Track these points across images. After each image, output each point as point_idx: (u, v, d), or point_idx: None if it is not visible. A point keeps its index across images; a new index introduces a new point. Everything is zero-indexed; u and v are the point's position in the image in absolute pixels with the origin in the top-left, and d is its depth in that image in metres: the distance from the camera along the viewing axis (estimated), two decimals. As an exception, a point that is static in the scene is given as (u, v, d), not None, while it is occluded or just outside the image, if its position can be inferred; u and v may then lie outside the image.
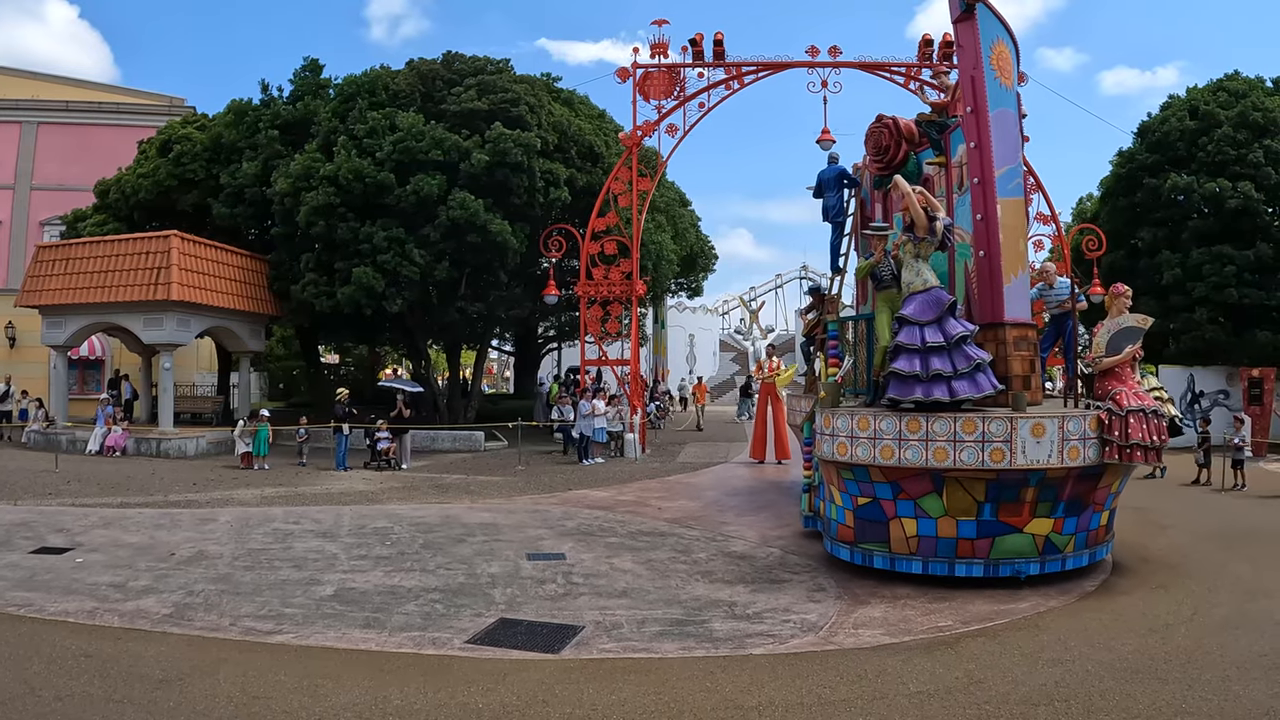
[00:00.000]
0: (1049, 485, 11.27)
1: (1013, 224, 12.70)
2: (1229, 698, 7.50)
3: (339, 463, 25.08)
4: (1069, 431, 11.11)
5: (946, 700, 7.48)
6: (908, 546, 11.76)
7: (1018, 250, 12.88)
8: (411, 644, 9.04)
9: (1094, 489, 11.67)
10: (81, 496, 18.81)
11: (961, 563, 11.46)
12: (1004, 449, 10.99)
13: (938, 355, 11.69)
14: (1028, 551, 11.44)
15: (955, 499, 11.43)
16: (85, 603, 10.44)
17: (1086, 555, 11.86)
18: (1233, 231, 31.99)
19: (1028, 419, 11.06)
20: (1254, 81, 34.71)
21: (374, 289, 28.53)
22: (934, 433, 11.28)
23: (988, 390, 11.61)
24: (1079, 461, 11.17)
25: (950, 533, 11.52)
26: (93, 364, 40.70)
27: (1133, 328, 12.19)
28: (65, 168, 40.79)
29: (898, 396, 11.82)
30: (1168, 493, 20.42)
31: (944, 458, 11.20)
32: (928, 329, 11.82)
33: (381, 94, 32.04)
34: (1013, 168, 12.88)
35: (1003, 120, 12.77)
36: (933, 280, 12.14)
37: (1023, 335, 12.61)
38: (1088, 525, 11.81)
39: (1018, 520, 11.38)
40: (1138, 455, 11.22)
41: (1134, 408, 11.31)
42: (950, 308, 11.95)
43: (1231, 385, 32.20)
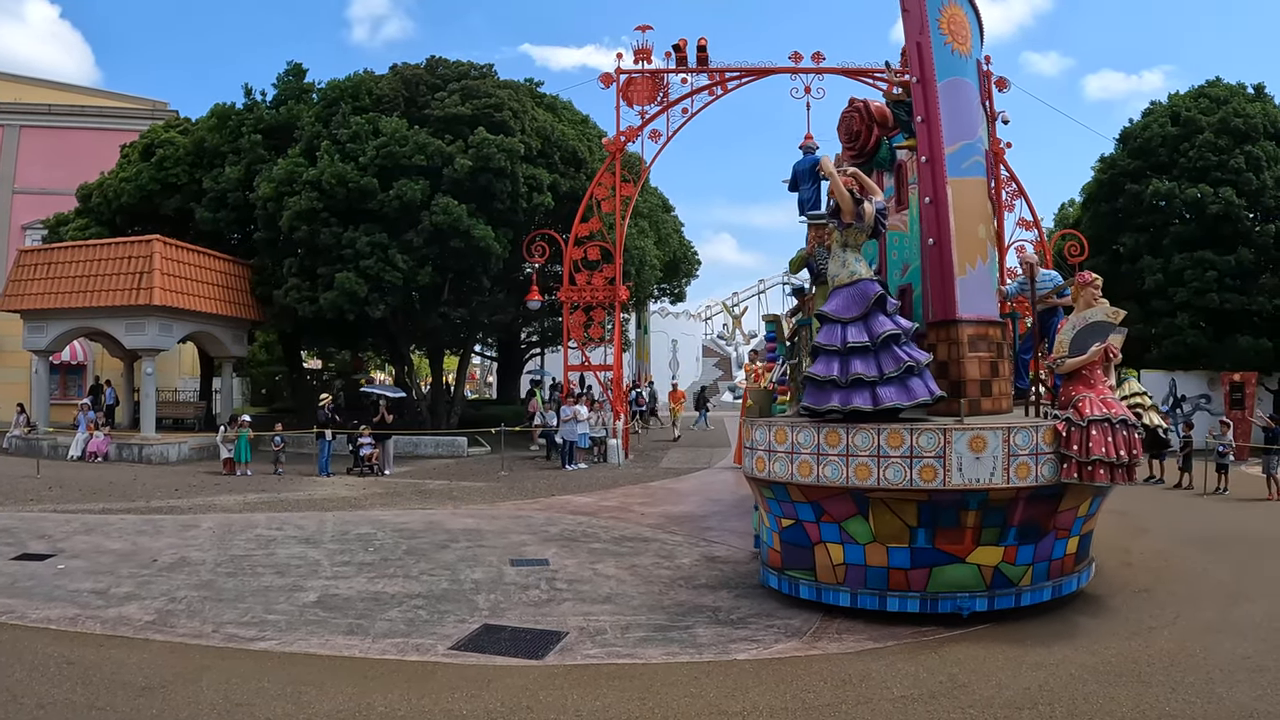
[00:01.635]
0: (994, 508, 9.74)
1: (969, 207, 11.33)
2: (1212, 700, 7.53)
3: (322, 468, 25.01)
4: (1016, 445, 9.65)
5: (930, 704, 7.49)
6: (834, 575, 10.38)
7: (976, 237, 11.42)
8: (395, 650, 9.01)
9: (1053, 512, 10.06)
10: (63, 502, 18.70)
11: (894, 596, 9.99)
12: (936, 466, 9.58)
13: (861, 357, 10.26)
14: (972, 584, 9.90)
15: (883, 523, 10.00)
16: (67, 609, 10.38)
17: (1049, 588, 10.26)
18: (1214, 237, 32.19)
19: (965, 431, 9.63)
20: (1235, 88, 34.94)
21: (357, 294, 28.45)
22: (855, 447, 9.92)
23: (923, 397, 10.08)
24: (1029, 480, 9.65)
25: (880, 561, 10.09)
26: (74, 369, 40.47)
27: (1101, 323, 10.58)
28: (47, 171, 40.57)
29: (812, 405, 10.46)
30: (1149, 497, 20.49)
31: (866, 475, 9.83)
32: (851, 327, 10.41)
33: (365, 98, 31.97)
34: (969, 144, 11.44)
35: (956, 91, 11.44)
36: (862, 272, 10.66)
37: (981, 334, 11.23)
38: (1049, 554, 10.22)
39: (958, 548, 9.87)
40: (1101, 474, 9.51)
41: (1097, 417, 9.72)
42: (878, 302, 10.45)
43: (1213, 390, 32.40)
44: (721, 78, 29.20)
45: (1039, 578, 10.19)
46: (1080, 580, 10.84)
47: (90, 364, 40.31)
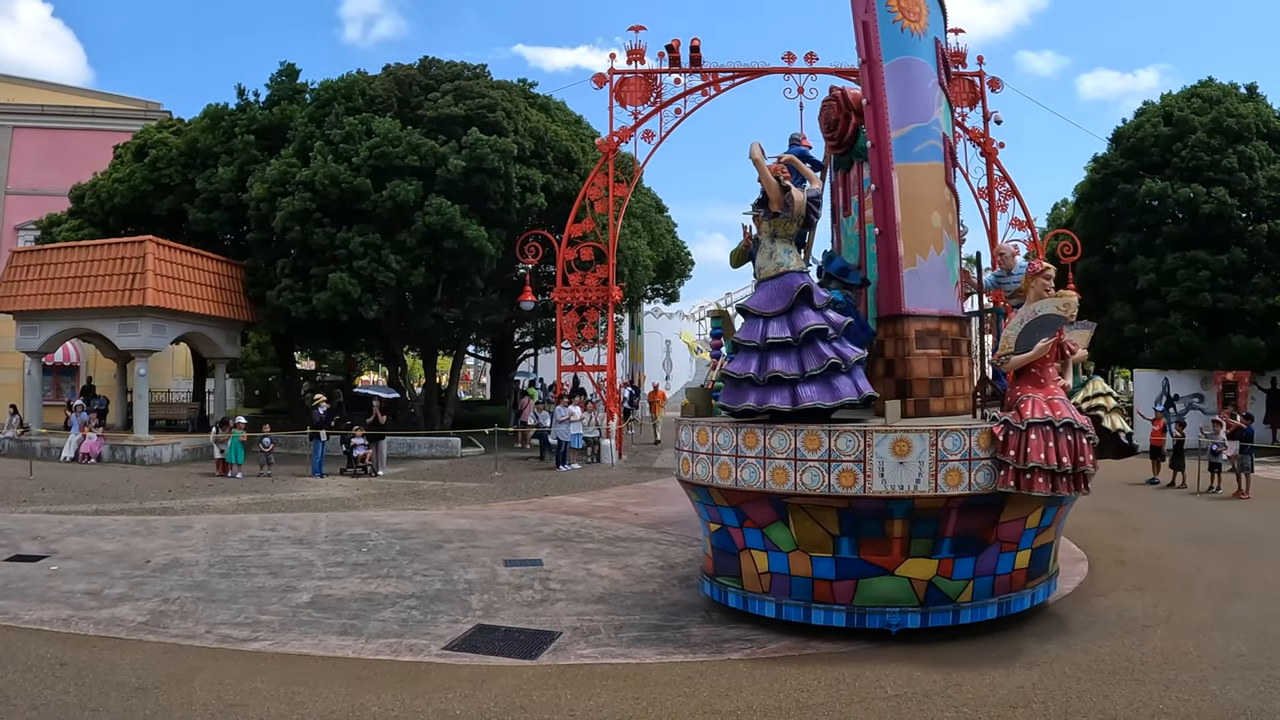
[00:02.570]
0: (923, 518, 9.06)
1: (921, 194, 10.74)
2: (1206, 698, 7.54)
3: (315, 469, 24.97)
4: (946, 450, 8.91)
5: (924, 703, 7.50)
6: (760, 584, 9.83)
7: (929, 226, 10.76)
8: (388, 651, 9.00)
9: (993, 523, 9.26)
10: (56, 504, 18.67)
11: (819, 608, 9.39)
12: (856, 471, 8.94)
13: (781, 354, 9.64)
14: (903, 599, 9.21)
15: (804, 531, 9.40)
16: (60, 610, 10.36)
17: (994, 605, 9.43)
18: (1207, 236, 32.27)
19: (887, 434, 8.95)
20: (1228, 88, 35.04)
21: (350, 295, 28.42)
22: (772, 449, 9.35)
23: (848, 396, 9.42)
24: (961, 488, 8.91)
25: (804, 571, 9.48)
26: (67, 370, 40.38)
27: (1051, 316, 9.71)
28: (40, 172, 40.48)
29: (727, 404, 10.00)
30: (1142, 496, 20.55)
31: (783, 480, 9.25)
32: (773, 322, 9.80)
33: (358, 99, 31.94)
34: (920, 127, 10.84)
35: (905, 72, 10.89)
36: (790, 264, 10.06)
37: (932, 330, 10.65)
38: (992, 569, 9.41)
39: (886, 560, 9.21)
40: (1040, 483, 8.76)
41: (1038, 420, 8.95)
42: (802, 295, 9.80)
43: (1206, 389, 32.44)
44: (714, 78, 29.21)
45: (981, 594, 9.36)
46: (1036, 597, 9.93)
47: (83, 365, 40.21)
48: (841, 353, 9.60)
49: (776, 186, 10.08)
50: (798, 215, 10.23)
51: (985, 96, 30.52)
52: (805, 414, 9.48)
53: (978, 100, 30.50)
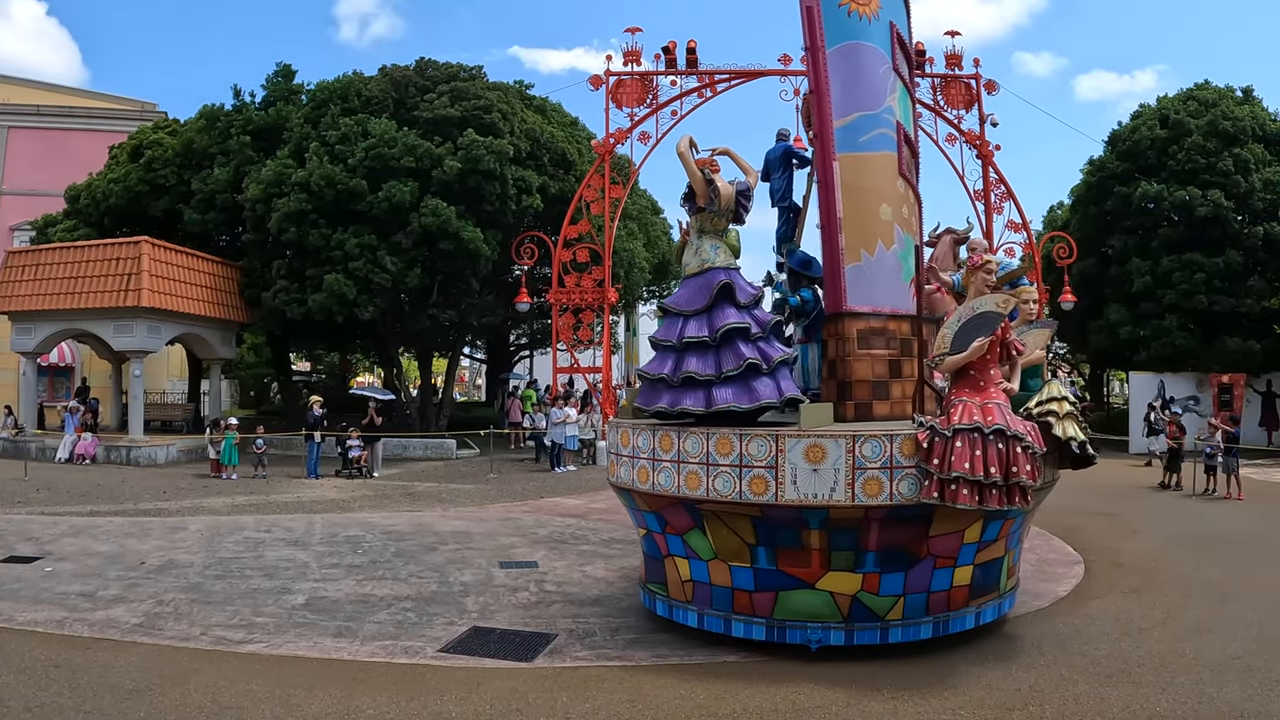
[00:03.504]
0: (841, 529, 8.52)
1: (867, 185, 10.16)
2: (1203, 700, 7.53)
3: (310, 470, 24.95)
4: (864, 457, 8.34)
5: (921, 704, 7.48)
6: (684, 592, 9.43)
7: (878, 219, 10.15)
8: (384, 653, 8.97)
9: (922, 537, 8.64)
10: (51, 505, 18.65)
11: (739, 619, 8.94)
12: (767, 477, 8.46)
13: (698, 353, 9.24)
14: (825, 614, 8.68)
15: (721, 539, 8.98)
16: (55, 612, 10.33)
17: (929, 625, 8.82)
18: (1203, 239, 32.29)
19: (801, 438, 8.42)
20: (1224, 91, 35.09)
21: (345, 296, 28.40)
22: (686, 453, 8.90)
23: (768, 399, 8.99)
24: (881, 499, 8.33)
25: (724, 581, 9.05)
26: (62, 371, 40.34)
27: (990, 314, 9.00)
28: (35, 172, 40.47)
29: (641, 405, 9.70)
30: (1139, 498, 20.55)
31: (696, 485, 8.81)
32: (692, 320, 9.41)
33: (354, 100, 31.93)
34: (868, 115, 10.23)
35: (853, 58, 10.30)
36: (716, 260, 9.65)
37: (878, 329, 10.03)
38: (925, 585, 8.78)
39: (805, 572, 8.69)
40: (964, 495, 8.07)
41: (964, 426, 8.28)
42: (723, 292, 9.38)
43: (1201, 391, 32.48)
44: (711, 80, 29.18)
45: (914, 612, 8.74)
46: (983, 616, 9.22)
47: (78, 366, 40.17)
48: (766, 352, 9.21)
49: (702, 180, 9.74)
50: (725, 210, 9.85)
51: (981, 99, 30.51)
52: (725, 417, 9.06)
53: (974, 103, 30.48)
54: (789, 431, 8.53)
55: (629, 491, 9.75)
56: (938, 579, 8.83)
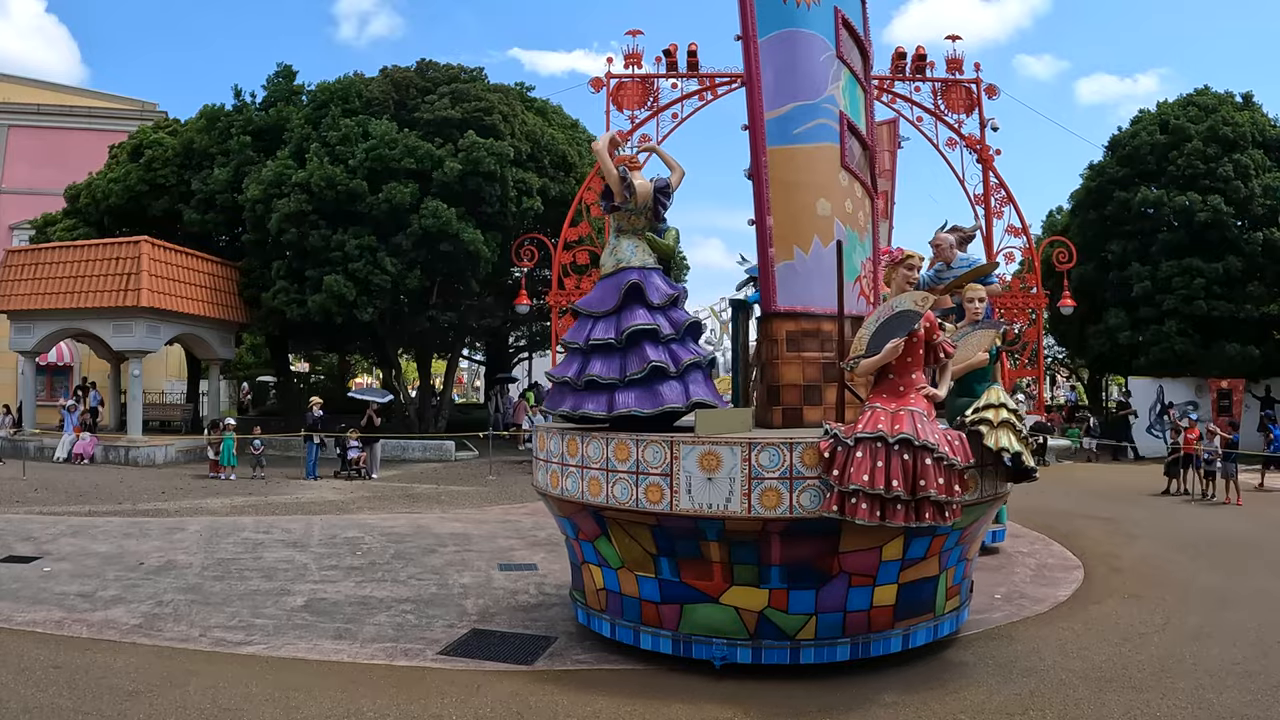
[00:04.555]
0: (740, 542, 8.07)
1: (802, 180, 9.71)
2: (1203, 705, 7.52)
3: (309, 472, 24.94)
4: (761, 466, 7.85)
5: (921, 709, 7.47)
6: (599, 601, 9.18)
7: (815, 214, 9.66)
8: (384, 655, 8.96)
9: (831, 553, 8.05)
10: (49, 504, 18.64)
11: (648, 631, 8.61)
12: (662, 485, 8.08)
13: (602, 356, 9.00)
14: (731, 630, 8.24)
15: (625, 547, 8.66)
16: (53, 613, 10.31)
17: (846, 646, 8.25)
18: (1202, 244, 32.30)
19: (695, 445, 8.01)
20: (1224, 96, 35.12)
21: (345, 297, 28.42)
22: (589, 458, 8.62)
23: (672, 403, 8.70)
24: (780, 511, 7.81)
25: (632, 591, 8.73)
26: (61, 370, 40.33)
27: (908, 313, 8.39)
28: (35, 171, 40.48)
29: (546, 409, 9.53)
30: (1138, 503, 20.54)
31: (598, 492, 8.50)
32: (600, 322, 9.15)
33: (355, 101, 31.95)
34: (805, 105, 9.76)
35: (789, 46, 9.82)
36: (631, 260, 9.34)
37: (810, 331, 9.53)
38: (841, 605, 8.20)
39: (708, 585, 8.28)
40: (863, 509, 7.48)
41: (867, 435, 7.69)
42: (631, 292, 9.09)
43: (1200, 396, 32.48)
44: (712, 83, 29.22)
45: (829, 632, 8.22)
46: (912, 639, 8.57)
47: (77, 365, 40.16)
48: (676, 355, 8.93)
49: (616, 176, 9.44)
50: (642, 207, 9.50)
51: (982, 103, 30.55)
52: (629, 422, 8.80)
53: (974, 107, 30.53)
54: (684, 438, 8.14)
55: (545, 495, 9.55)
56: (855, 598, 8.24)
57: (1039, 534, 15.81)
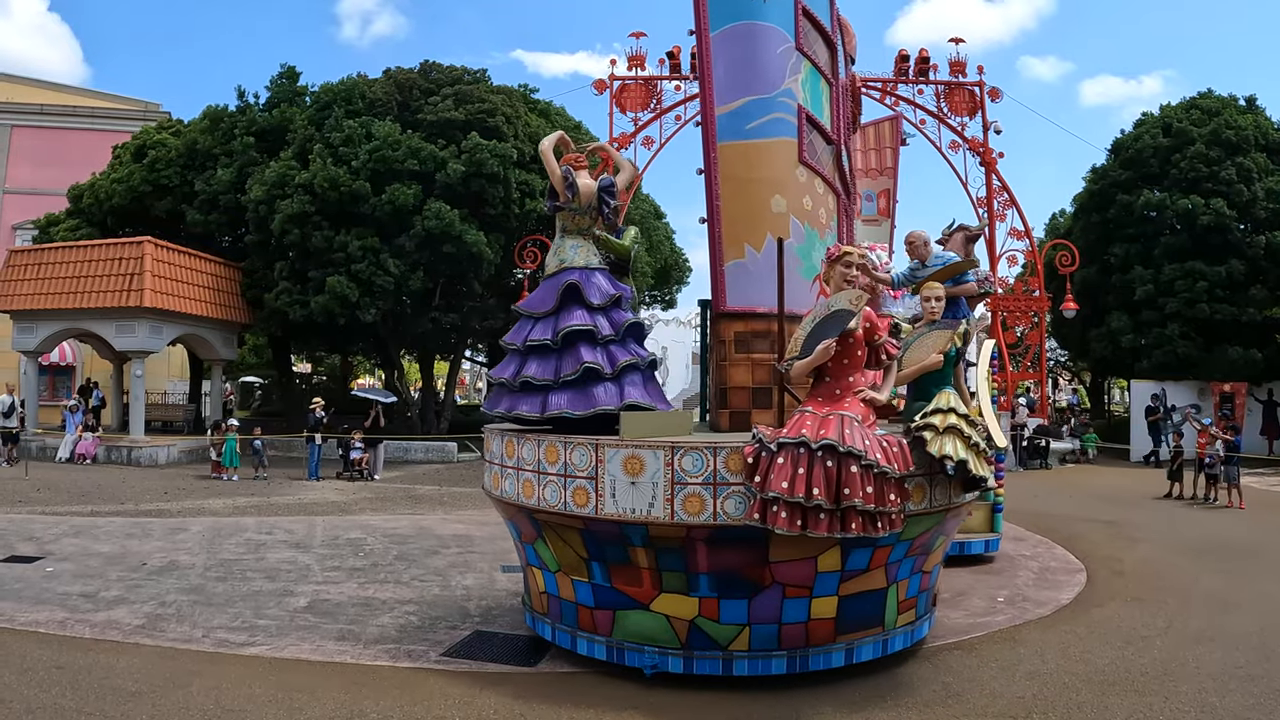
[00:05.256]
0: (666, 548, 7.87)
1: (756, 176, 9.52)
2: (1206, 709, 7.53)
3: (312, 472, 24.95)
4: (683, 470, 7.66)
5: (925, 712, 7.48)
6: (542, 604, 9.09)
7: (769, 211, 9.45)
8: (387, 656, 8.96)
9: (760, 563, 7.77)
10: (52, 504, 18.65)
11: (584, 636, 8.50)
12: (588, 489, 7.97)
13: (538, 357, 8.95)
14: (663, 638, 8.07)
15: (559, 550, 8.57)
16: (56, 613, 10.33)
17: (783, 659, 7.97)
18: (1205, 248, 32.31)
19: (619, 449, 7.88)
20: (1227, 99, 35.15)
21: (348, 298, 28.42)
22: (523, 459, 8.59)
23: (605, 405, 8.58)
24: (704, 518, 7.60)
25: (569, 595, 8.63)
26: (63, 370, 40.33)
27: (843, 312, 8.00)
28: (38, 171, 40.48)
29: (487, 410, 9.48)
30: (1140, 506, 20.54)
31: (530, 494, 8.46)
32: (540, 323, 9.07)
33: (358, 102, 31.95)
34: (759, 100, 9.56)
35: (743, 39, 9.64)
36: (573, 260, 9.25)
37: (760, 331, 9.35)
38: (775, 616, 7.92)
39: (638, 592, 8.13)
40: (782, 519, 7.19)
41: (789, 441, 7.38)
42: (568, 293, 9.02)
43: (1203, 400, 32.44)
44: (715, 85, 29.17)
45: (764, 644, 7.95)
46: (858, 654, 8.24)
47: (79, 365, 40.17)
48: (614, 356, 8.86)
49: (559, 176, 9.38)
50: (586, 207, 9.41)
51: (985, 106, 30.57)
52: (574, 423, 8.68)
53: (977, 110, 30.56)
54: (609, 441, 8.01)
55: (490, 496, 9.49)
56: (790, 610, 7.94)
57: (1042, 537, 15.82)
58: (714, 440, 7.91)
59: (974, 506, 13.03)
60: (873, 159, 20.92)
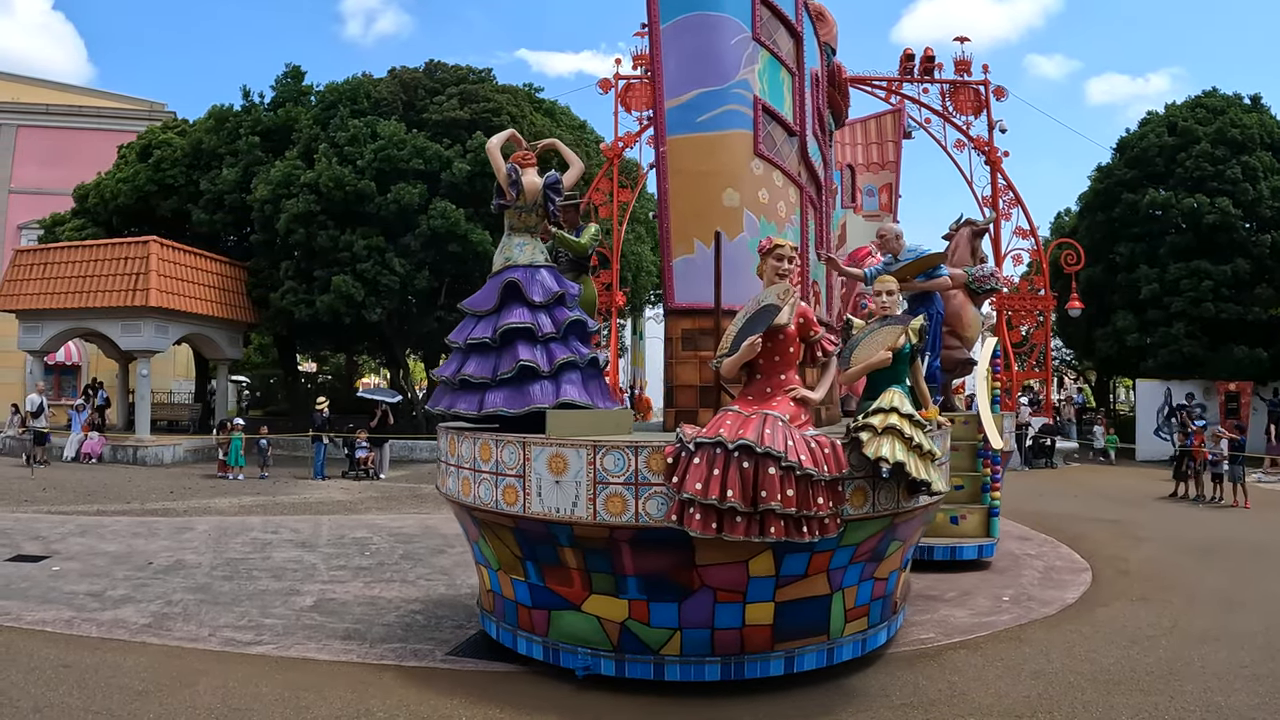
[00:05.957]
0: (593, 549, 7.75)
1: (707, 169, 9.25)
2: (1211, 708, 7.52)
3: (317, 472, 24.99)
4: (605, 470, 7.55)
5: (930, 712, 7.48)
6: (489, 602, 9.08)
7: (719, 205, 9.20)
8: (393, 655, 8.97)
9: (687, 566, 7.55)
10: (58, 504, 18.67)
11: (524, 636, 8.44)
12: (517, 487, 7.92)
13: (478, 355, 8.90)
14: (595, 640, 7.98)
15: (497, 549, 8.55)
16: (63, 612, 10.34)
17: (717, 665, 7.76)
18: (1210, 246, 32.30)
19: (545, 447, 7.82)
20: (1232, 98, 35.13)
21: (353, 297, 28.45)
22: (461, 457, 8.63)
23: (539, 403, 8.50)
24: (625, 518, 7.46)
25: (509, 593, 8.59)
26: (69, 370, 40.40)
27: (769, 308, 7.72)
28: (44, 171, 40.54)
29: (429, 408, 9.41)
30: (1146, 506, 20.53)
31: (468, 491, 8.47)
32: (482, 322, 9.02)
33: (363, 102, 31.99)
34: (711, 92, 9.27)
35: (694, 31, 9.35)
36: (517, 258, 9.21)
37: (709, 329, 8.86)
38: (707, 621, 7.71)
39: (569, 592, 8.05)
40: (696, 521, 6.95)
41: (706, 441, 7.13)
42: (508, 291, 8.97)
43: (1208, 399, 32.43)
44: (720, 84, 29.18)
45: (696, 649, 7.76)
46: (800, 663, 7.99)
47: (85, 365, 40.23)
48: (552, 354, 8.80)
49: (504, 173, 9.32)
50: (532, 205, 9.36)
51: (990, 105, 30.57)
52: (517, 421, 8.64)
53: (983, 109, 30.58)
54: (536, 439, 7.94)
55: (442, 494, 9.41)
56: (723, 615, 7.73)
57: (1047, 536, 15.82)
58: (636, 440, 7.75)
59: (970, 510, 13.01)
60: (874, 153, 20.84)
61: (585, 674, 7.99)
